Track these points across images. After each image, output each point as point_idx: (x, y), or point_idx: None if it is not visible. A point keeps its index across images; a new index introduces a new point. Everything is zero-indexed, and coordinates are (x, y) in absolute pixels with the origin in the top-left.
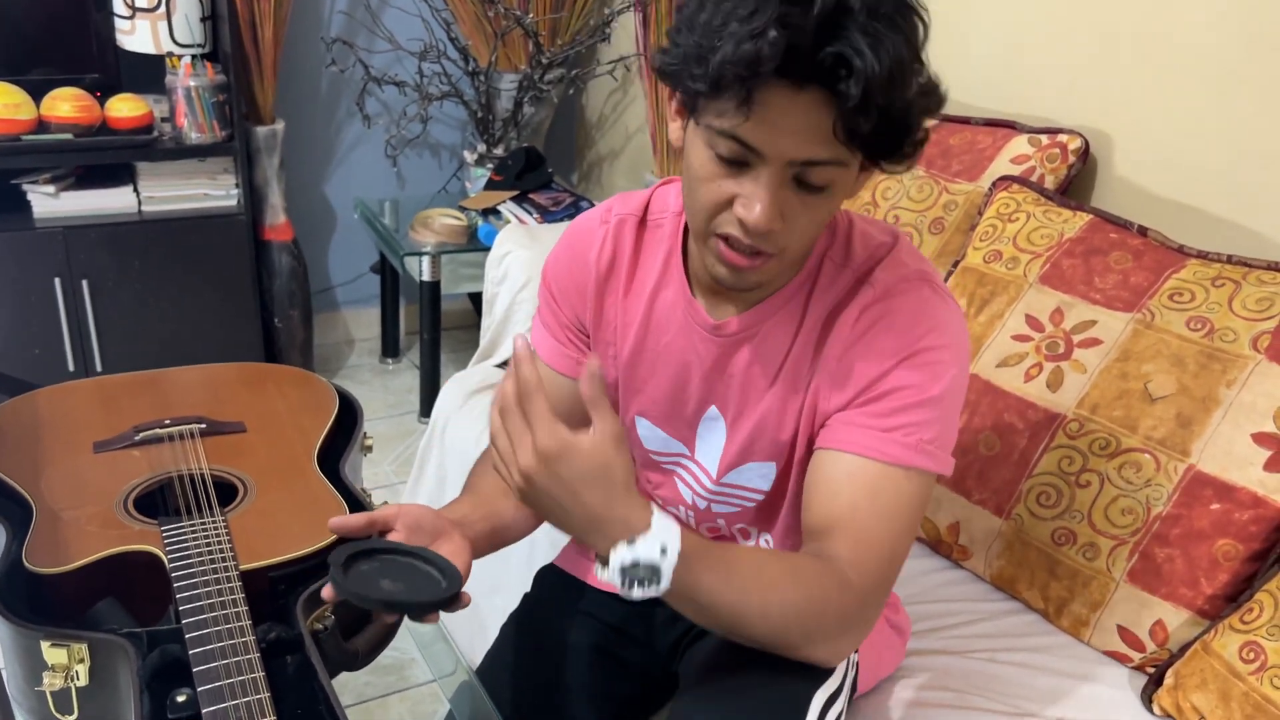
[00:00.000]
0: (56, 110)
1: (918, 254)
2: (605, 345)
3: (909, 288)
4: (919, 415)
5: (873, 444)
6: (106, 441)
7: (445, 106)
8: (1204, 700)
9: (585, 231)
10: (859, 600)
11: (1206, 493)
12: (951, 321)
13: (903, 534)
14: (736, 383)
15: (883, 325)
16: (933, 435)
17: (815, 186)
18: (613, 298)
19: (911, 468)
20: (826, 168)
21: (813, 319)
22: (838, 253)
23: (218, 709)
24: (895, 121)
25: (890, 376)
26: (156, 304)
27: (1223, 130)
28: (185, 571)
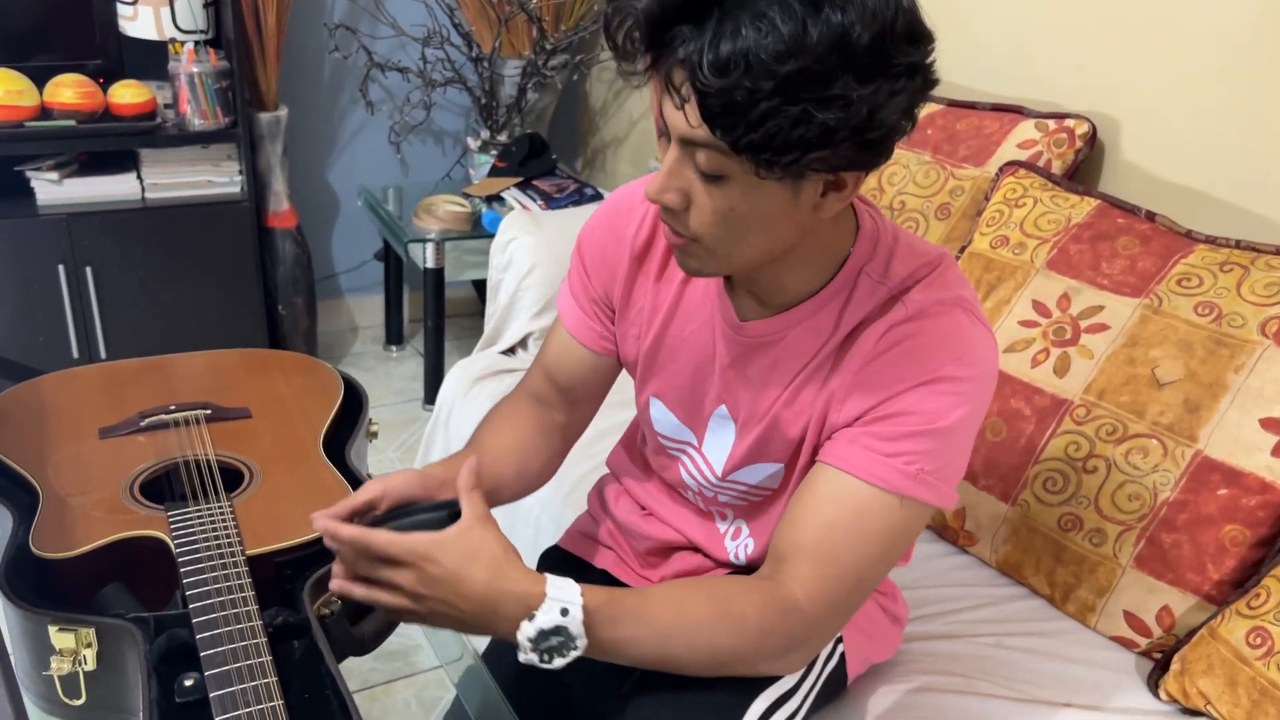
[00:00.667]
0: (59, 97)
1: (962, 279)
2: (630, 325)
3: (942, 311)
4: (924, 444)
5: (870, 466)
6: (112, 427)
7: (449, 93)
8: (1210, 685)
9: (626, 207)
10: (807, 624)
11: (1214, 478)
12: (980, 354)
13: (876, 561)
14: (753, 386)
15: (906, 346)
16: (935, 466)
17: (708, 174)
18: (644, 280)
19: (906, 496)
20: (709, 151)
21: (842, 332)
22: (876, 268)
23: (225, 693)
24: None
25: (902, 399)
26: (160, 291)
27: (1231, 114)
28: (192, 556)
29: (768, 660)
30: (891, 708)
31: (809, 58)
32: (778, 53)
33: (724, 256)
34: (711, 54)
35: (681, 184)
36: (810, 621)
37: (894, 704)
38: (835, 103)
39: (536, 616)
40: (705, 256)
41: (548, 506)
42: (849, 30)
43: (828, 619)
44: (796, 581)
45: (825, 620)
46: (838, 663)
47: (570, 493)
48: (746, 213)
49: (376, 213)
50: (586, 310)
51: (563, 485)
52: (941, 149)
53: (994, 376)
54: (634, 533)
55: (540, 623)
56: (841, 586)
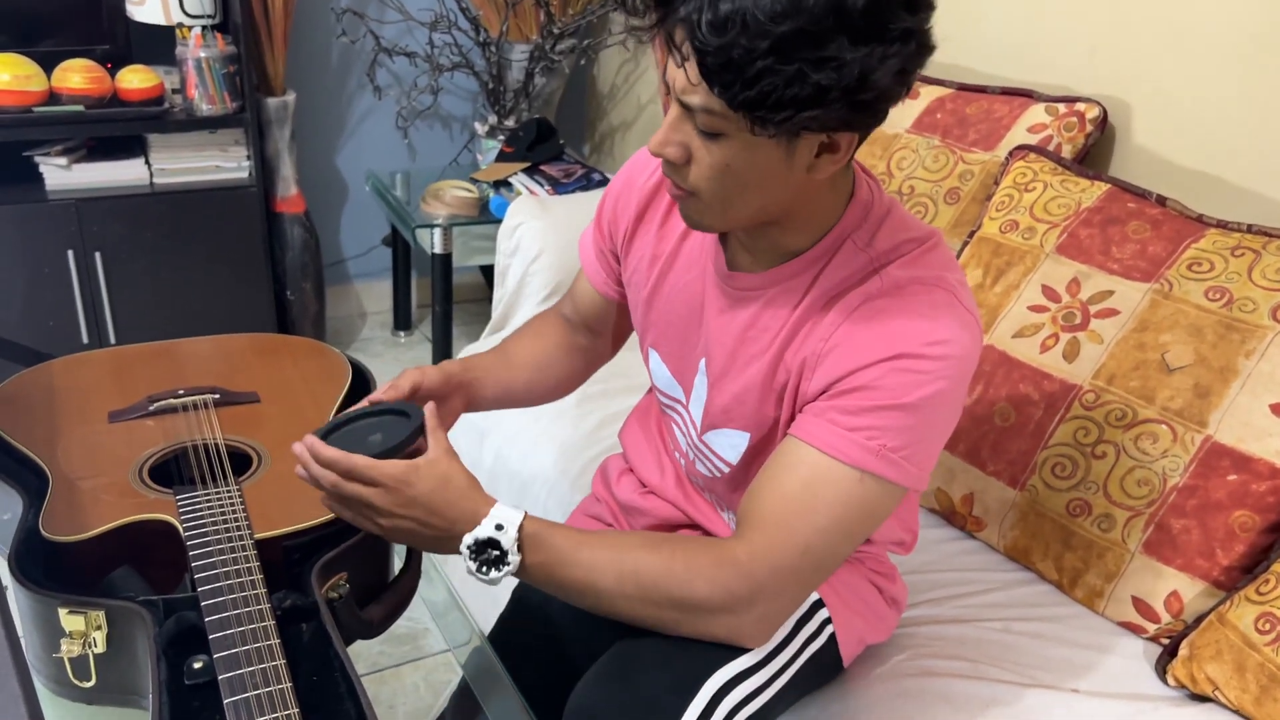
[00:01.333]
0: (67, 82)
1: (950, 261)
2: (634, 273)
3: (920, 290)
4: (887, 419)
5: (829, 438)
6: (121, 411)
7: (456, 78)
8: (1219, 671)
9: (644, 160)
10: (745, 580)
11: (1224, 464)
12: (954, 335)
13: (829, 531)
14: (732, 341)
15: (878, 321)
16: (900, 444)
17: (706, 131)
18: (648, 226)
19: (866, 472)
20: (703, 113)
21: (816, 293)
22: (863, 236)
23: (234, 675)
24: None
25: (866, 372)
26: (169, 277)
27: (1244, 97)
28: (200, 540)
29: (702, 612)
30: (897, 692)
31: (805, 18)
32: (774, 13)
33: (720, 212)
34: (710, 13)
35: (682, 138)
36: (748, 576)
37: (901, 688)
38: (829, 64)
39: (477, 529)
40: (703, 210)
41: (554, 489)
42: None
43: (769, 579)
44: (741, 541)
45: (767, 580)
46: (825, 643)
47: (577, 478)
48: (742, 170)
49: (384, 198)
50: (597, 257)
51: (570, 469)
52: (951, 133)
53: (972, 360)
54: (635, 510)
55: (477, 534)
56: (786, 550)
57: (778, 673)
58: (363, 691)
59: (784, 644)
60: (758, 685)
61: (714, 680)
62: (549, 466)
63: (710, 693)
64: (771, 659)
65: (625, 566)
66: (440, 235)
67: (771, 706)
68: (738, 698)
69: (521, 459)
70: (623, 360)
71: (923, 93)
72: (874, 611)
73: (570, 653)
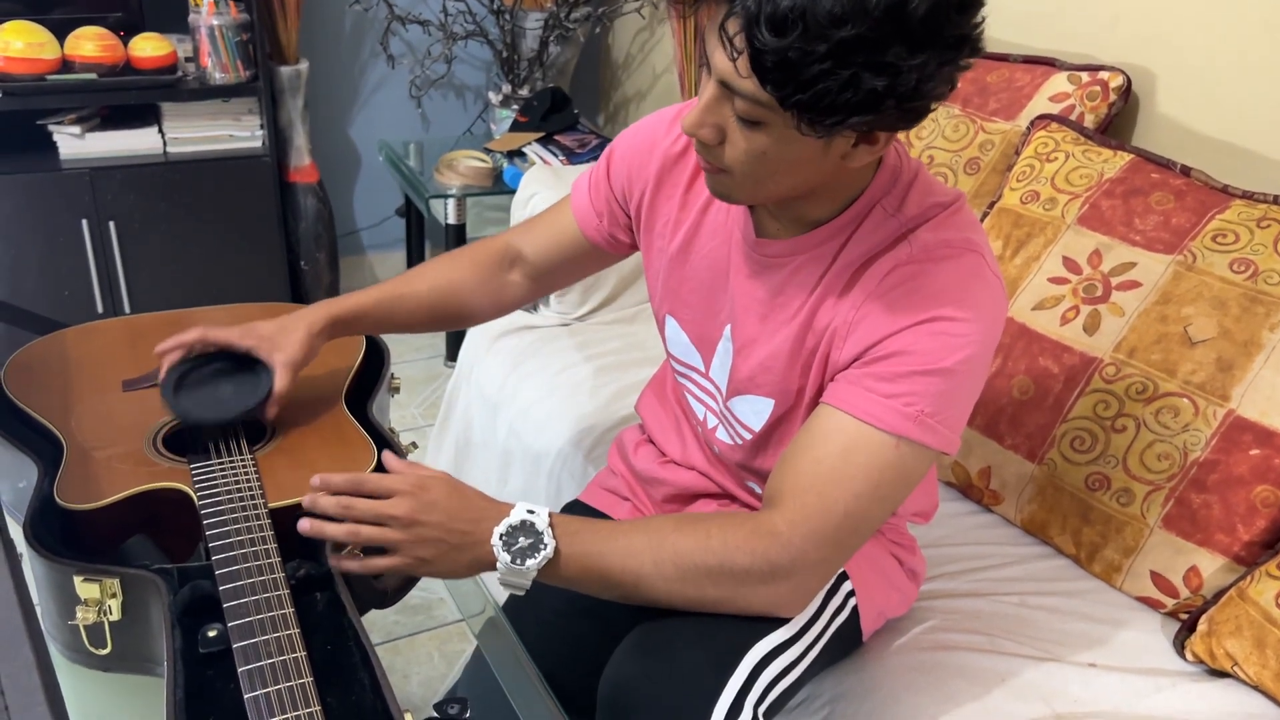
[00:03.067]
0: (80, 50)
1: (975, 223)
2: (655, 236)
3: (950, 253)
4: (923, 384)
5: (865, 405)
6: (135, 380)
7: (470, 46)
8: (1238, 647)
9: (668, 121)
10: (785, 551)
11: (1246, 438)
12: (986, 299)
13: (866, 498)
14: (758, 308)
15: (910, 286)
16: (935, 409)
17: (746, 119)
18: (670, 189)
19: (903, 437)
20: (746, 102)
21: (845, 260)
22: (891, 202)
23: (248, 644)
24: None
25: (900, 337)
26: (183, 246)
27: (1271, 66)
28: (214, 509)
29: (744, 585)
30: (915, 665)
31: (865, 23)
32: (835, 15)
33: (751, 190)
34: (770, 7)
35: (718, 120)
36: (787, 545)
37: (917, 661)
38: (886, 70)
39: (506, 519)
40: (733, 186)
41: (569, 463)
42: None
43: (809, 548)
44: (777, 511)
45: (806, 549)
46: (849, 616)
47: (591, 450)
48: (777, 158)
49: (397, 168)
50: (597, 207)
51: (584, 443)
52: (971, 102)
53: (999, 323)
54: (653, 480)
55: (510, 520)
56: (825, 517)
57: (810, 645)
58: (377, 661)
59: (815, 616)
60: (793, 658)
61: (752, 654)
62: (564, 440)
63: (750, 666)
64: (805, 632)
65: (663, 550)
66: (454, 206)
67: (802, 680)
68: (775, 671)
69: (536, 433)
70: (639, 332)
71: None
72: (894, 584)
73: (584, 624)
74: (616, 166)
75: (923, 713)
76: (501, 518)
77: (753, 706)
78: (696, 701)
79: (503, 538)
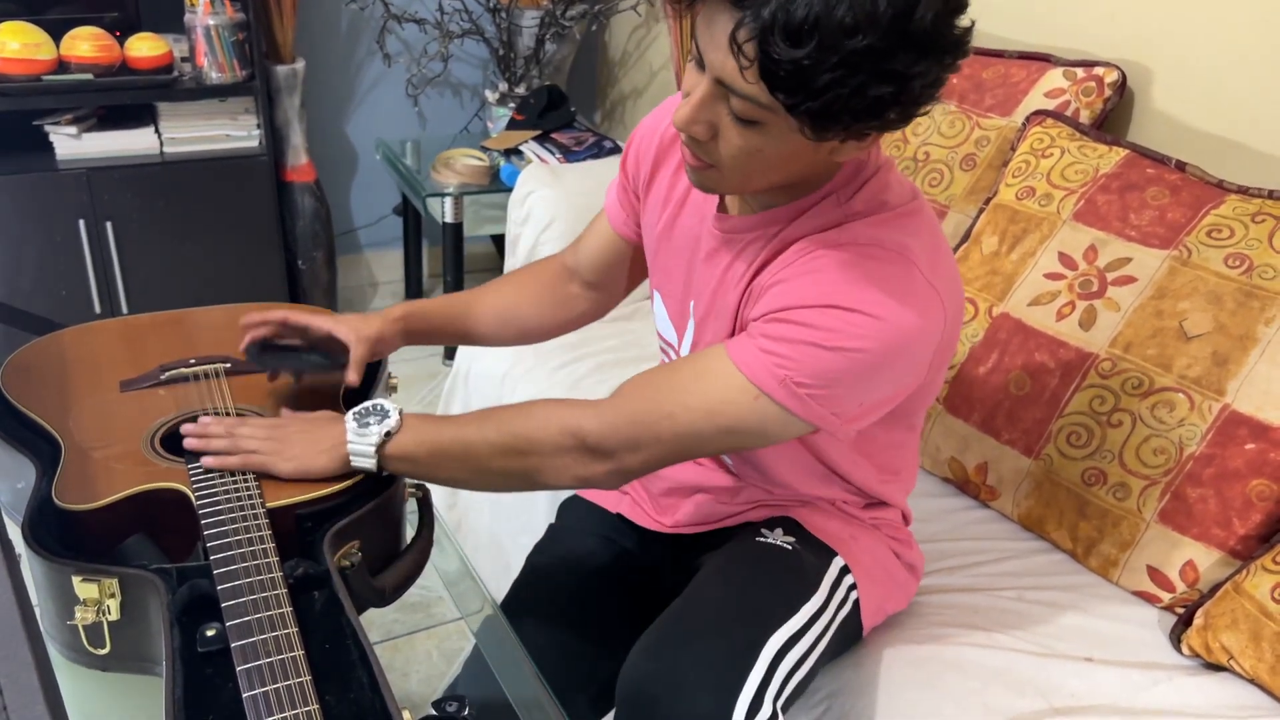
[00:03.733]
0: (76, 50)
1: (923, 232)
2: (649, 214)
3: (878, 254)
4: (802, 354)
5: (742, 353)
6: (133, 380)
7: (466, 44)
8: (1234, 640)
9: (669, 106)
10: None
11: (1241, 432)
12: (905, 306)
13: (698, 412)
14: (713, 281)
15: (826, 268)
16: (809, 381)
17: (743, 118)
18: (664, 171)
19: (763, 392)
20: (745, 102)
21: (783, 238)
22: (846, 193)
23: (246, 643)
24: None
25: (801, 311)
26: (181, 246)
27: (1266, 61)
28: (212, 508)
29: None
30: (913, 660)
31: (876, 33)
32: (848, 26)
33: (738, 184)
34: (784, 16)
35: (710, 118)
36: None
37: (915, 656)
38: (892, 78)
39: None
40: (719, 180)
41: None
42: (914, 8)
43: (616, 432)
44: (610, 397)
45: (612, 431)
46: (851, 610)
47: None
48: (771, 154)
49: (395, 166)
50: (620, 196)
51: None
52: (967, 98)
53: (909, 338)
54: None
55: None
56: (643, 410)
57: (819, 636)
58: (375, 659)
59: (823, 607)
60: (805, 649)
61: (770, 646)
62: None
63: (768, 659)
64: (814, 622)
65: (488, 420)
66: (451, 204)
67: (813, 672)
68: (791, 663)
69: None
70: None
71: None
72: (894, 579)
73: (582, 621)
74: (629, 159)
75: (920, 707)
76: None
77: (772, 701)
78: (719, 696)
79: (355, 415)
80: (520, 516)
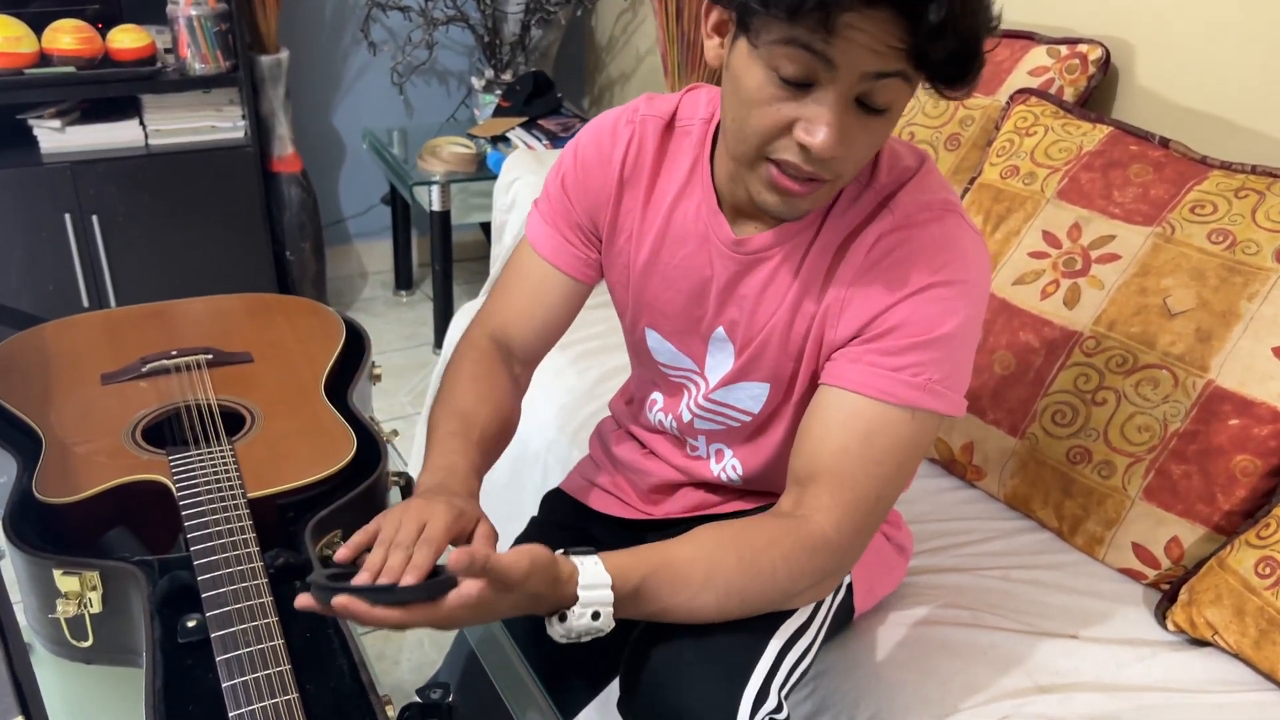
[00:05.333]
0: (58, 43)
1: (944, 181)
2: (618, 253)
3: (930, 217)
4: (927, 354)
5: (876, 383)
6: (114, 373)
7: (451, 31)
8: (1218, 615)
9: (609, 131)
10: (836, 556)
11: (1225, 408)
12: (972, 257)
13: (893, 478)
14: (749, 304)
15: (898, 255)
16: (942, 375)
17: (877, 108)
18: (630, 203)
19: (917, 409)
20: (892, 82)
21: (825, 239)
22: (863, 173)
23: (226, 633)
24: (968, 47)
25: (897, 310)
26: (167, 239)
27: (1249, 36)
28: (193, 500)
29: (799, 598)
30: (899, 641)
31: None
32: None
33: (837, 188)
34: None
35: (844, 129)
36: (837, 550)
37: (901, 637)
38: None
39: (568, 618)
40: (826, 194)
41: (554, 447)
42: None
43: (853, 544)
44: (819, 512)
45: (851, 546)
46: (845, 594)
47: (576, 433)
48: (887, 134)
49: (381, 156)
50: (569, 238)
51: (568, 426)
52: None
53: (988, 279)
54: (638, 470)
55: (571, 625)
56: (863, 509)
57: (820, 626)
58: (355, 648)
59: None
60: (811, 639)
61: (780, 633)
62: (549, 426)
63: (778, 647)
64: (816, 613)
65: (730, 600)
66: (438, 192)
67: (813, 661)
68: (799, 651)
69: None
70: None
71: None
72: (884, 560)
73: None
74: (576, 193)
75: (906, 687)
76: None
77: (778, 691)
78: (727, 686)
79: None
80: (509, 505)
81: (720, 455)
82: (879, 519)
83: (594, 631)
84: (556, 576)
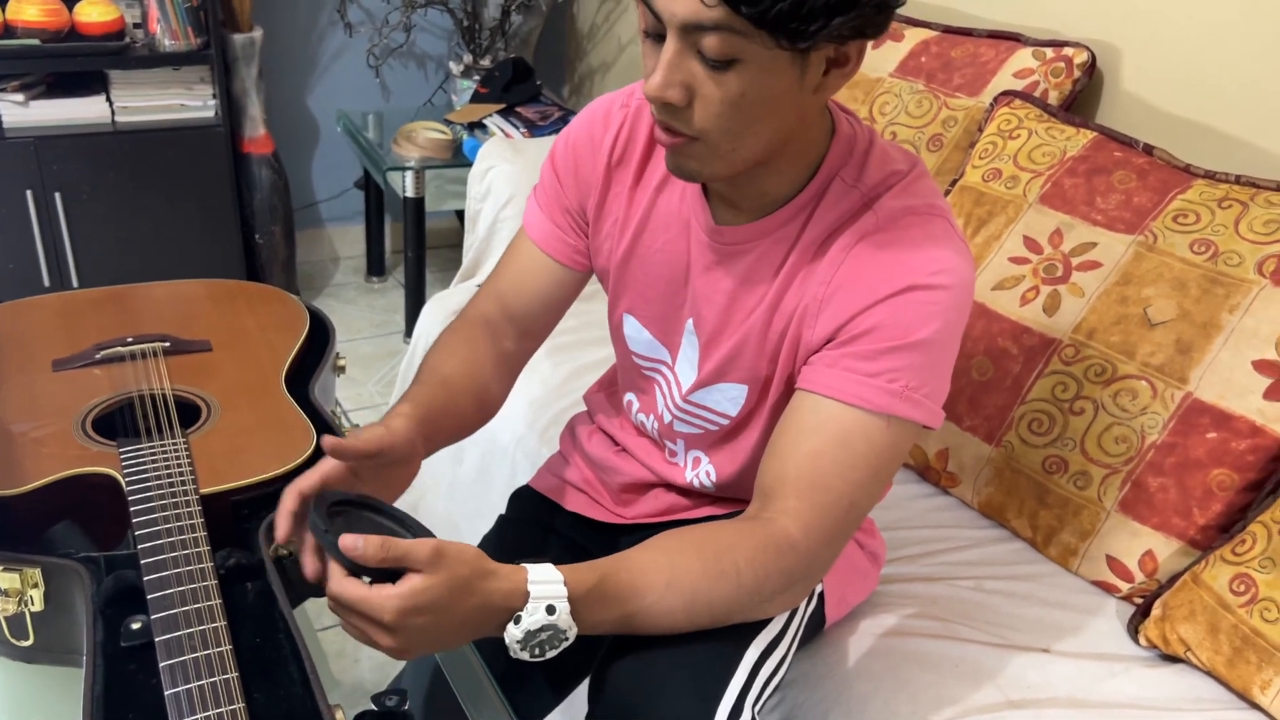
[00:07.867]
0: (22, 14)
1: (933, 186)
2: (604, 238)
3: (914, 221)
4: (903, 359)
5: (852, 388)
6: (66, 359)
7: (430, 14)
8: (1191, 632)
9: (604, 114)
10: (805, 560)
11: (1203, 421)
12: (955, 263)
13: (866, 485)
14: (724, 297)
15: (879, 257)
16: (919, 382)
17: (718, 61)
18: (619, 188)
19: (893, 416)
20: (720, 34)
21: (809, 238)
22: (850, 172)
23: (172, 637)
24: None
25: (873, 312)
26: (133, 218)
27: (1236, 44)
28: (142, 494)
29: (767, 604)
30: (870, 651)
31: None
32: None
33: (727, 153)
34: None
35: (684, 77)
36: (805, 554)
37: (872, 647)
38: None
39: (522, 619)
40: (706, 156)
41: (523, 444)
42: None
43: (823, 549)
44: (787, 515)
45: (821, 551)
46: (817, 604)
47: (546, 429)
48: (756, 98)
49: (355, 139)
50: (558, 223)
51: (538, 423)
52: (935, 78)
53: (970, 288)
54: (609, 469)
55: (526, 625)
56: (833, 514)
57: (792, 638)
58: (307, 654)
59: (797, 608)
60: (784, 652)
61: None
62: (519, 422)
63: (752, 660)
64: (790, 623)
65: (698, 605)
66: (412, 178)
67: (786, 673)
68: (773, 664)
69: None
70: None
71: (907, 35)
72: (856, 569)
73: None
74: (567, 177)
75: (876, 699)
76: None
77: (751, 706)
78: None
79: (519, 642)
80: (477, 499)
81: (697, 462)
82: (852, 526)
83: (553, 634)
84: (487, 569)
